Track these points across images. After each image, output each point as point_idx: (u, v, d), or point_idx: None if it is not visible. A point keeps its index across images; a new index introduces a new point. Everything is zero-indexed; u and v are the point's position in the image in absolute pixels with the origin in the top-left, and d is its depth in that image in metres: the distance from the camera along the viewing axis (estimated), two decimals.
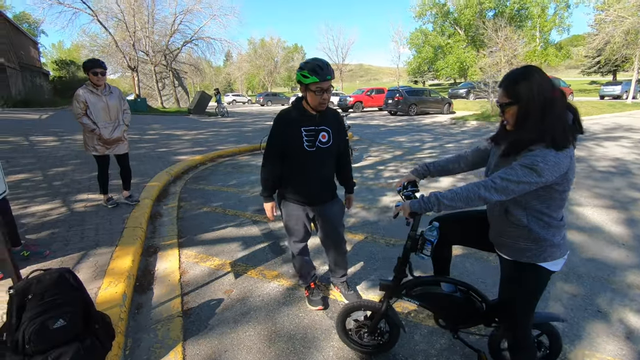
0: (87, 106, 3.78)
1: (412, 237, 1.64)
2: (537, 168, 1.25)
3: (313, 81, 1.94)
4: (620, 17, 25.40)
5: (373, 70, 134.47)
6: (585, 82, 46.00)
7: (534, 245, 1.43)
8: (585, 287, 2.71)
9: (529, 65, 1.36)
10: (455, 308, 1.77)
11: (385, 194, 5.19)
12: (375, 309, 1.90)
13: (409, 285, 1.80)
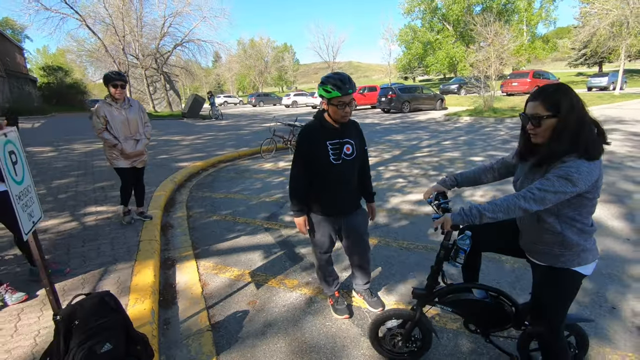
0: (107, 121, 3.71)
1: (446, 246, 1.70)
2: (572, 178, 1.32)
3: (335, 95, 2.00)
4: (606, 9, 25.83)
5: (363, 67, 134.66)
6: (572, 74, 46.71)
7: (567, 251, 1.51)
8: (598, 284, 2.81)
9: (562, 83, 1.44)
10: (487, 313, 1.84)
11: (392, 195, 5.27)
12: (409, 317, 1.96)
13: (441, 292, 1.86)
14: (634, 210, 4.27)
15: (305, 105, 31.17)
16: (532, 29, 41.14)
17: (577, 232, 1.49)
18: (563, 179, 1.33)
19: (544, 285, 1.63)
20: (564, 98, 1.38)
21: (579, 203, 1.43)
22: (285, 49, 77.84)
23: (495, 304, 1.81)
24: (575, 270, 1.52)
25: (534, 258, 1.64)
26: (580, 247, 1.50)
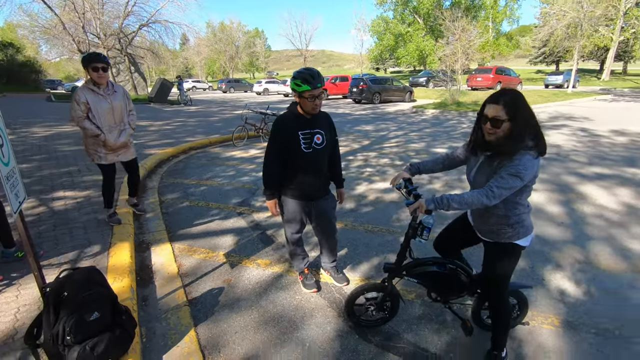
0: (89, 108, 3.30)
1: (413, 226, 1.97)
2: (520, 175, 1.60)
3: (306, 89, 2.21)
4: (563, 11, 27.44)
5: (335, 56, 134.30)
6: (532, 72, 49.31)
7: (510, 228, 1.83)
8: (532, 261, 3.24)
9: (516, 90, 1.68)
10: (447, 282, 2.17)
11: (360, 183, 5.57)
12: (382, 288, 2.25)
13: (409, 266, 2.16)
14: (571, 199, 4.82)
15: (277, 93, 30.94)
16: (497, 26, 42.84)
17: (518, 213, 1.81)
18: (514, 177, 1.60)
19: (493, 258, 1.96)
20: (521, 105, 1.63)
21: (521, 190, 1.73)
22: (256, 35, 76.16)
23: (454, 275, 2.14)
24: (516, 243, 1.85)
25: (484, 237, 1.97)
26: (520, 224, 1.82)
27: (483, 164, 1.81)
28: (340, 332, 2.39)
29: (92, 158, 3.55)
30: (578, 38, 24.78)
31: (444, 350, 2.22)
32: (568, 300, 2.69)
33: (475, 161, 1.88)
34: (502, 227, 1.83)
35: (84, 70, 3.36)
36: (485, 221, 1.90)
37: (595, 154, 7.38)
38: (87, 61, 3.23)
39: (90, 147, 3.49)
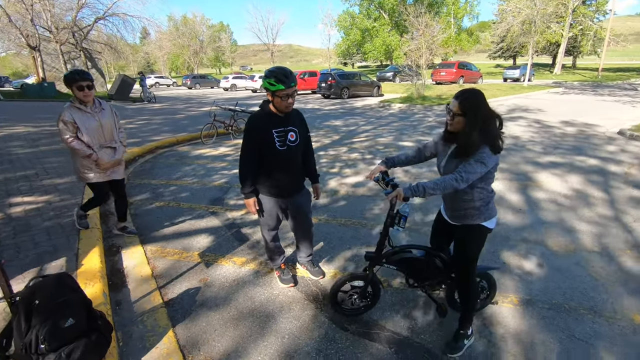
0: (77, 127, 3.12)
1: (392, 215, 2.10)
2: (484, 162, 1.83)
3: (279, 89, 2.25)
4: (518, 8, 28.85)
5: (303, 51, 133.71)
6: (492, 66, 51.55)
7: (476, 211, 2.03)
8: (494, 245, 3.48)
9: (477, 90, 1.86)
10: (423, 267, 2.32)
11: (332, 178, 5.67)
12: (364, 277, 2.36)
13: (388, 254, 2.29)
14: (528, 186, 5.17)
15: (245, 89, 30.42)
16: (458, 22, 44.34)
17: (483, 197, 2.01)
18: (479, 163, 1.83)
19: (462, 239, 2.15)
20: (474, 103, 1.83)
21: (485, 177, 1.94)
22: (221, 29, 74.19)
23: (430, 260, 2.30)
24: (483, 225, 2.06)
25: (456, 221, 2.15)
26: (485, 207, 2.03)
27: (450, 157, 2.00)
28: (318, 323, 2.47)
29: (81, 177, 3.33)
30: (532, 34, 26.21)
31: (415, 333, 2.37)
32: (526, 280, 2.93)
33: (445, 153, 2.07)
34: (470, 210, 2.03)
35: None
36: (456, 206, 2.09)
37: (549, 143, 7.92)
38: (71, 80, 3.05)
39: (81, 167, 3.29)
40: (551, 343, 2.26)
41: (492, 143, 1.84)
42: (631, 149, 7.31)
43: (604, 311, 2.54)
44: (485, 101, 1.86)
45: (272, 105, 2.39)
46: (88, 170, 3.29)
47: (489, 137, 1.84)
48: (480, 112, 1.83)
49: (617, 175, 5.57)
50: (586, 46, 39.65)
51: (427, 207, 4.38)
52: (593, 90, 21.16)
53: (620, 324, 2.41)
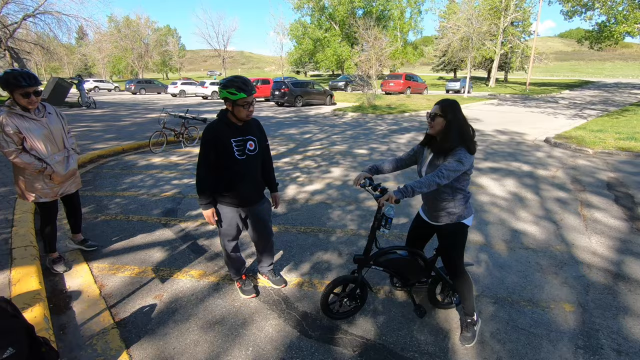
0: (24, 138, 2.68)
1: (379, 218, 2.22)
2: (462, 161, 2.03)
3: (241, 97, 2.25)
4: (457, 25, 31.23)
5: (255, 58, 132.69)
6: (435, 78, 55.08)
7: (456, 209, 2.22)
8: None
9: (454, 100, 2.12)
10: (407, 266, 2.48)
11: (289, 187, 5.68)
12: (353, 279, 2.46)
13: (375, 256, 2.41)
14: (471, 190, 5.58)
15: (195, 95, 29.40)
16: (404, 36, 46.82)
17: (460, 197, 2.21)
18: (457, 162, 2.03)
19: (446, 239, 2.33)
20: (450, 108, 2.09)
21: (462, 178, 2.16)
22: (169, 32, 71.31)
23: (412, 260, 2.48)
24: (463, 222, 2.26)
25: (437, 222, 2.31)
26: (463, 206, 2.23)
27: (431, 161, 2.21)
28: (282, 332, 2.46)
29: (28, 197, 2.87)
30: (470, 50, 28.49)
31: (378, 335, 2.45)
32: (474, 277, 3.16)
33: (425, 159, 2.27)
34: (450, 209, 2.23)
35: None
36: (437, 208, 2.27)
37: (488, 150, 8.63)
38: (13, 85, 2.56)
39: (29, 186, 2.85)
40: (498, 334, 2.47)
41: (467, 145, 2.08)
42: (556, 154, 8.21)
43: (540, 302, 2.83)
44: (460, 109, 2.13)
45: (231, 114, 2.37)
46: (40, 187, 2.87)
47: (465, 139, 2.08)
48: (457, 115, 2.09)
49: (545, 178, 6.22)
50: (515, 62, 43.98)
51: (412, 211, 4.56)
52: (522, 102, 23.42)
53: (554, 312, 2.70)
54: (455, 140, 2.07)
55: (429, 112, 2.15)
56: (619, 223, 4.35)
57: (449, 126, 2.07)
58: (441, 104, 2.12)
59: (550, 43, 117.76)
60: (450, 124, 2.07)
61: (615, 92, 33.40)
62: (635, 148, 8.26)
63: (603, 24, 20.61)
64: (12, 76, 2.59)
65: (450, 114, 2.08)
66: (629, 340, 2.41)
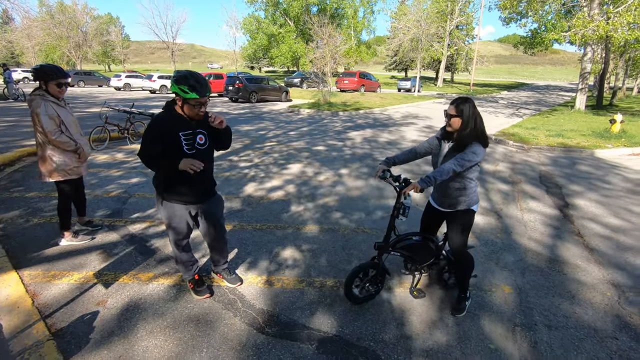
0: (62, 121, 3.18)
1: (397, 207, 2.41)
2: (477, 152, 2.25)
3: (193, 97, 2.14)
4: (407, 27, 32.41)
5: (207, 52, 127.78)
6: (388, 77, 56.86)
7: (466, 197, 2.43)
8: None
9: (468, 97, 2.29)
10: (421, 250, 2.69)
11: (246, 184, 5.55)
12: (374, 265, 2.61)
13: (393, 242, 2.59)
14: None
15: (142, 89, 27.67)
16: (358, 35, 47.66)
17: (470, 186, 2.42)
18: (472, 153, 2.25)
19: (455, 223, 2.52)
20: (466, 107, 2.26)
21: (473, 169, 2.36)
22: (110, 21, 66.29)
23: (425, 243, 2.70)
24: (471, 208, 2.48)
25: (448, 208, 2.51)
26: (472, 194, 2.44)
27: (448, 153, 2.39)
28: (238, 331, 2.41)
29: (53, 177, 3.29)
30: (419, 50, 29.76)
31: (334, 327, 2.48)
32: None
33: (441, 151, 2.47)
34: (460, 197, 2.44)
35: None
36: (449, 195, 2.48)
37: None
38: (50, 77, 3.09)
39: (62, 165, 3.28)
40: (446, 318, 2.61)
41: (481, 139, 2.29)
42: (498, 150, 8.86)
43: (483, 286, 3.04)
44: (475, 105, 2.29)
45: (181, 109, 2.26)
46: (70, 165, 3.33)
47: (478, 134, 2.28)
48: (471, 113, 2.27)
49: (489, 172, 6.69)
50: (460, 64, 46.66)
51: (423, 203, 4.61)
52: None
53: (496, 295, 2.91)
54: (471, 137, 2.27)
55: (446, 110, 2.33)
56: (550, 211, 4.80)
57: (466, 124, 2.26)
58: (455, 104, 2.28)
59: (490, 47, 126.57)
60: (466, 122, 2.26)
61: (546, 93, 36.80)
62: (563, 144, 9.17)
63: (535, 31, 22.58)
64: (49, 68, 3.12)
65: (466, 113, 2.26)
66: (558, 316, 2.67)
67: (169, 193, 2.38)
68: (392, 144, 9.23)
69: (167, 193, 2.38)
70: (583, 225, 4.35)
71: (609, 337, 2.46)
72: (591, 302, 2.86)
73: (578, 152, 8.71)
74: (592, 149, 8.74)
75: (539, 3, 19.49)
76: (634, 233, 4.15)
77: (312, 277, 3.07)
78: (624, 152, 8.73)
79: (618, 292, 3.00)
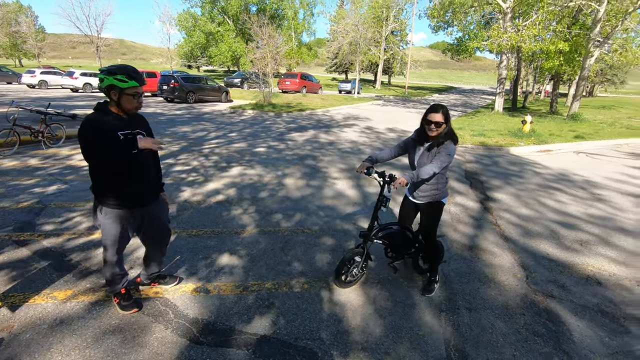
0: None
1: (380, 199, 2.73)
2: (450, 153, 2.55)
3: (132, 85, 2.09)
4: (346, 30, 33.37)
5: (138, 48, 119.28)
6: (329, 79, 57.99)
7: (438, 191, 2.73)
8: (338, 239, 3.94)
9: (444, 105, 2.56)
10: (400, 238, 2.97)
11: (183, 189, 5.28)
12: (361, 252, 2.88)
13: (376, 231, 2.88)
14: (362, 184, 6.06)
15: (62, 87, 24.95)
16: (298, 37, 47.96)
17: (442, 181, 2.73)
18: (447, 155, 2.54)
19: (428, 214, 2.84)
20: (448, 113, 2.57)
21: (446, 166, 2.61)
22: (20, 10, 58.78)
23: (403, 233, 2.97)
24: (441, 201, 2.79)
25: (422, 200, 2.80)
26: (443, 188, 2.76)
27: (424, 152, 2.67)
28: (170, 344, 2.29)
29: None
30: (358, 54, 30.79)
31: (271, 330, 2.47)
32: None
33: (417, 151, 2.74)
34: (433, 191, 2.73)
35: None
36: (422, 189, 2.77)
37: (378, 145, 9.47)
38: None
39: None
40: (380, 310, 2.74)
41: (453, 137, 2.60)
42: None
43: (415, 277, 3.24)
44: None
45: (115, 105, 2.12)
46: None
47: (452, 134, 2.60)
48: (449, 118, 2.58)
49: None
50: (396, 68, 49.27)
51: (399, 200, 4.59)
52: (403, 104, 26.37)
53: (419, 285, 3.12)
54: (445, 136, 2.56)
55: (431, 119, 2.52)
56: (473, 204, 5.27)
57: (449, 127, 2.57)
58: (441, 111, 2.51)
59: (423, 52, 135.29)
60: (449, 125, 2.57)
61: (471, 96, 40.30)
62: (484, 143, 10.11)
63: (460, 39, 24.65)
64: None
65: (448, 119, 2.55)
66: (477, 299, 2.95)
67: (106, 198, 2.19)
68: (333, 145, 9.44)
69: (108, 198, 2.20)
70: (500, 216, 4.84)
71: (518, 314, 2.78)
72: (504, 284, 3.20)
73: (497, 150, 9.68)
74: (508, 147, 9.77)
75: (462, 14, 21.32)
76: (541, 221, 4.72)
77: (249, 281, 3.02)
78: (533, 149, 9.89)
79: (526, 273, 3.40)
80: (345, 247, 3.74)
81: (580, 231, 4.44)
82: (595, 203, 5.53)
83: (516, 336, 2.53)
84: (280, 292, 2.90)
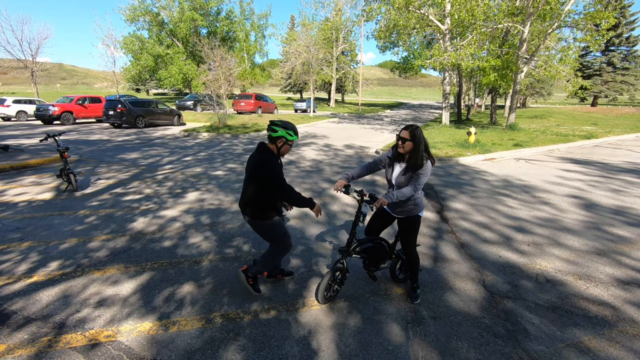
0: None
1: (357, 216, 2.89)
2: (427, 174, 2.73)
3: (294, 139, 2.85)
4: (298, 51, 34.15)
5: (80, 72, 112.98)
6: (284, 98, 58.56)
7: (415, 206, 2.90)
8: (309, 256, 3.90)
9: (417, 125, 2.73)
10: (377, 252, 3.04)
11: (134, 220, 4.97)
12: (340, 268, 2.94)
13: (354, 246, 2.94)
14: (326, 201, 6.09)
15: None
16: (251, 58, 48.20)
17: (419, 197, 2.88)
18: (424, 176, 2.72)
19: (406, 228, 2.97)
20: (417, 132, 2.70)
21: None
22: None
23: (380, 246, 3.05)
24: (418, 215, 2.95)
25: (400, 215, 2.96)
26: (420, 203, 2.92)
27: (401, 172, 2.81)
28: None
29: None
30: (311, 74, 31.54)
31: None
32: None
33: (394, 168, 2.88)
34: (410, 206, 2.89)
35: None
36: (401, 205, 2.90)
37: (337, 163, 9.62)
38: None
39: None
40: (349, 329, 2.73)
41: (430, 158, 2.75)
42: None
43: (379, 291, 3.27)
44: (421, 131, 2.73)
45: (277, 150, 2.88)
46: None
47: (428, 155, 2.74)
48: (421, 137, 2.71)
49: (379, 184, 7.34)
50: (348, 86, 50.97)
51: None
52: (357, 120, 27.23)
53: (391, 297, 3.17)
54: (422, 158, 2.70)
55: (399, 134, 2.73)
56: (431, 214, 5.49)
57: (417, 147, 2.69)
58: (409, 130, 2.71)
59: (373, 71, 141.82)
60: (418, 145, 2.68)
61: (420, 111, 42.59)
62: (435, 154, 10.67)
63: (406, 58, 26.18)
64: None
65: (416, 137, 2.68)
66: (440, 307, 3.04)
67: None
68: (294, 164, 9.45)
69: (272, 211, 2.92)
70: (455, 224, 5.08)
71: (478, 317, 2.90)
72: (464, 289, 3.33)
73: (447, 160, 10.25)
74: (457, 157, 10.39)
75: (406, 35, 22.72)
76: (494, 227, 5.02)
77: (212, 313, 2.88)
78: (479, 158, 10.60)
79: (483, 277, 3.57)
80: (310, 267, 3.70)
81: (529, 233, 4.77)
82: (540, 205, 6.00)
83: (479, 340, 2.62)
84: (246, 320, 2.79)
